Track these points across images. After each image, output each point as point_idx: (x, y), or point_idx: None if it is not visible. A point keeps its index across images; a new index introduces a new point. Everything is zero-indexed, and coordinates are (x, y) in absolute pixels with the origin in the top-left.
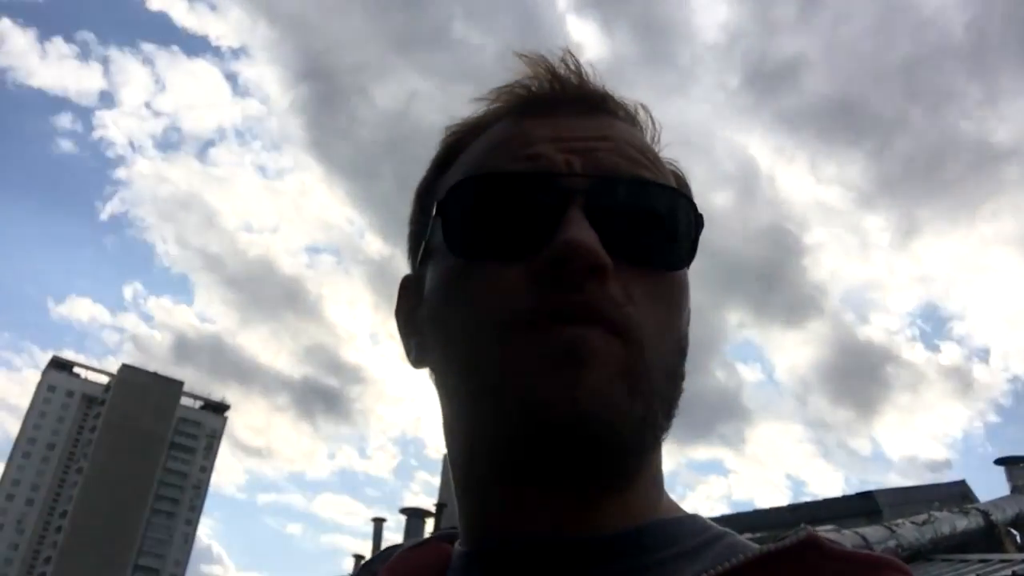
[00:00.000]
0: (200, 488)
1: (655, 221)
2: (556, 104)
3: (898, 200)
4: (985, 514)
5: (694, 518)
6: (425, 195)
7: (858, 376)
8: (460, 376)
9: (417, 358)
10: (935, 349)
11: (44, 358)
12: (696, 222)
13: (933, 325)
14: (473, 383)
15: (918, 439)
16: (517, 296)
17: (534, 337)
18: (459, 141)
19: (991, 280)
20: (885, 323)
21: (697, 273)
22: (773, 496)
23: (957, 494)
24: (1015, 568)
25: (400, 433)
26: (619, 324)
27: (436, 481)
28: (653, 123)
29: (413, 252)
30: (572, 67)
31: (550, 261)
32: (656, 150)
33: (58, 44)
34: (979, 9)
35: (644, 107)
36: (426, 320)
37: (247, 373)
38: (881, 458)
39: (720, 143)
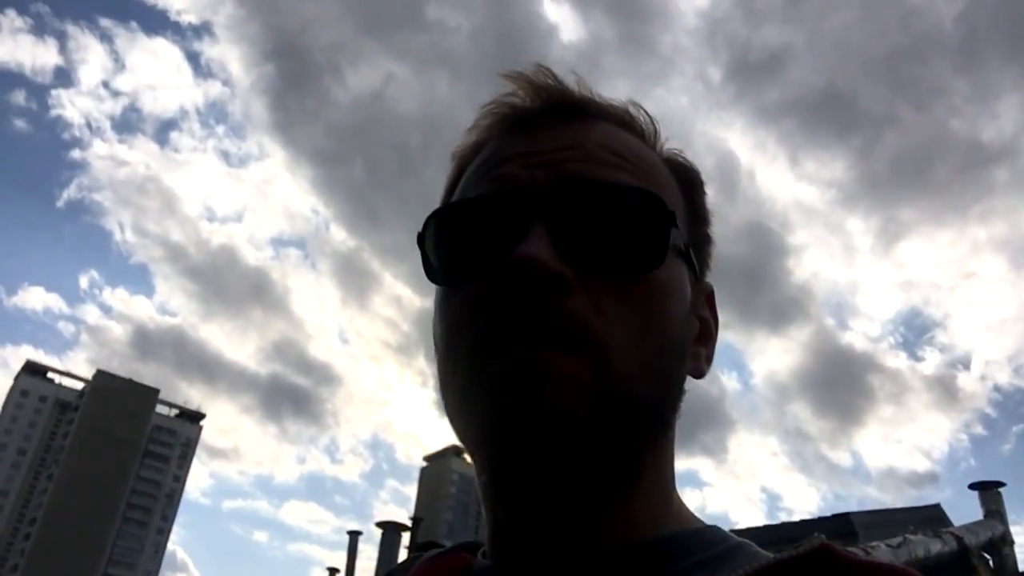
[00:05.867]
0: (173, 497)
1: (618, 225)
2: (537, 116)
3: (883, 201)
4: (959, 538)
5: (713, 529)
6: None
7: (839, 384)
8: (443, 396)
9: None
10: (917, 358)
11: (0, 352)
12: (665, 219)
13: (915, 332)
14: (450, 405)
15: (899, 451)
16: (479, 320)
17: (493, 361)
18: (462, 166)
19: (978, 286)
20: (867, 329)
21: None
22: (748, 510)
23: (932, 517)
24: None
25: (371, 436)
26: (580, 338)
27: (406, 489)
28: (649, 118)
29: None
30: (550, 77)
31: (503, 281)
32: (652, 145)
33: (11, 17)
34: (969, 0)
35: (635, 104)
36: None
37: (211, 369)
38: (860, 471)
39: (699, 136)
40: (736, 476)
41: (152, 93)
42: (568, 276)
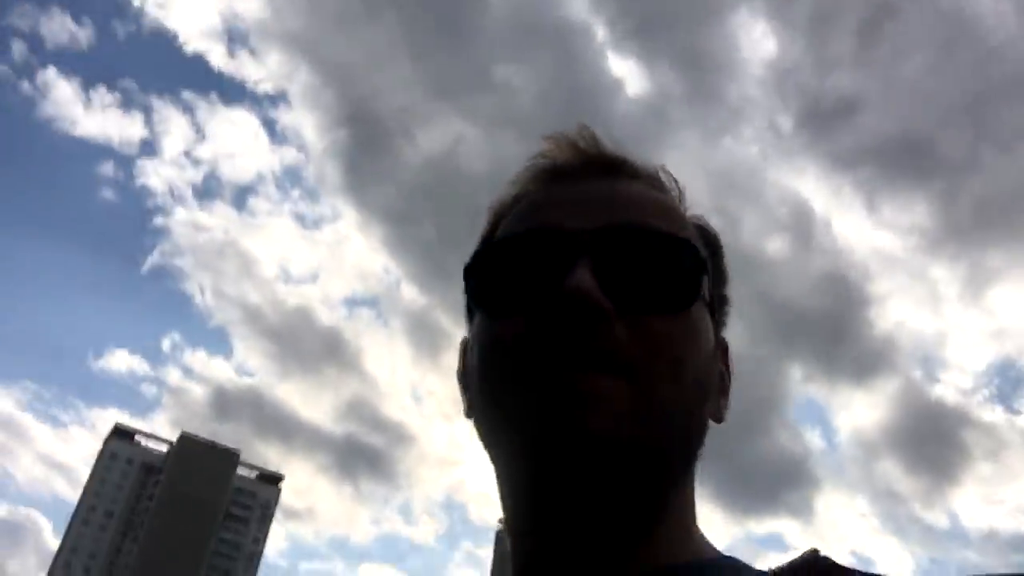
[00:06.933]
0: (253, 559)
1: (657, 266)
2: (576, 172)
3: (968, 246)
4: None
5: (734, 562)
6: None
7: (930, 441)
8: (486, 425)
9: (468, 414)
10: (1015, 411)
11: (89, 414)
12: (699, 265)
13: (1011, 384)
14: (495, 430)
15: (1001, 512)
16: (526, 347)
17: (541, 385)
18: (499, 217)
19: None
20: (958, 381)
21: (755, 324)
22: None
23: None
24: None
25: (444, 496)
26: (623, 365)
27: (481, 552)
28: (676, 184)
29: (467, 318)
30: (590, 138)
31: (552, 311)
32: (680, 208)
33: (101, 93)
34: None
35: (665, 169)
36: (469, 376)
37: (287, 430)
38: (958, 534)
39: (771, 187)
40: (823, 539)
41: (231, 160)
42: (611, 309)
